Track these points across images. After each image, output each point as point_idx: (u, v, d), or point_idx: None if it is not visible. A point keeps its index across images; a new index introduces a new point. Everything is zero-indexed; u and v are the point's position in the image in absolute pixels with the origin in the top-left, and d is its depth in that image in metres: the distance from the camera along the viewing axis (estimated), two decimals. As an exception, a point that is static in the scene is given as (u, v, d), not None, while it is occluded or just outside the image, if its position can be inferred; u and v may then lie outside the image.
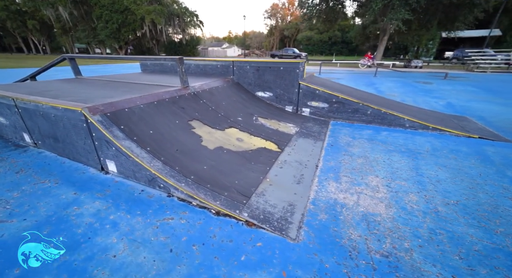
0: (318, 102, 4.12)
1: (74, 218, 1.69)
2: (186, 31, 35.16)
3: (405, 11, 12.97)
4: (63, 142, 2.48)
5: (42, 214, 1.72)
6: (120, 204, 1.85)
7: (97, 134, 2.13)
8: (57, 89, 3.16)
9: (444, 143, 3.08)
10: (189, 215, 1.72)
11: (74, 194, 1.98)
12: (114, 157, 2.15)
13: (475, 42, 33.10)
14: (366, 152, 2.80)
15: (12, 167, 2.43)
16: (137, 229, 1.59)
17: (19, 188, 2.06)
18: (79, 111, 2.11)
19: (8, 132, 3.11)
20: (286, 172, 2.29)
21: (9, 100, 2.67)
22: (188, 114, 2.91)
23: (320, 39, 55.90)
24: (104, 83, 3.75)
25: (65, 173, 2.32)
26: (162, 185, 1.96)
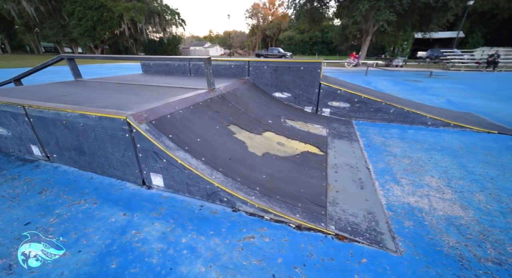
0: (339, 102, 4.10)
1: (139, 245, 1.45)
2: (167, 30, 33.84)
3: (389, 13, 13.60)
4: (91, 155, 2.17)
5: (98, 243, 1.46)
6: (185, 224, 1.63)
7: (143, 145, 1.87)
8: (69, 94, 2.79)
9: (471, 140, 3.19)
10: (269, 232, 1.57)
11: (124, 215, 1.72)
12: (163, 169, 1.91)
13: (443, 43, 35.80)
14: (406, 152, 2.81)
15: (31, 186, 2.08)
16: (221, 252, 1.40)
17: (52, 211, 1.75)
18: (121, 120, 1.84)
19: (9, 145, 2.68)
20: (343, 177, 2.20)
21: (17, 108, 2.29)
22: (224, 118, 2.72)
23: (301, 39, 56.95)
24: (117, 86, 3.40)
25: (100, 190, 2.03)
26: (226, 198, 1.78)
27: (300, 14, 18.17)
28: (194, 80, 4.04)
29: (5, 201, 1.86)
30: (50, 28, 32.90)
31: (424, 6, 15.92)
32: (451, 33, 33.69)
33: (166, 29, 33.21)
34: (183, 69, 4.95)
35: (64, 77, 9.45)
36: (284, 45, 56.87)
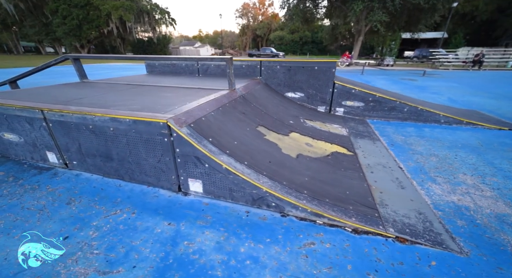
0: (353, 101, 4.11)
1: (197, 257, 1.36)
2: (156, 29, 33.07)
3: (382, 13, 13.93)
4: (120, 161, 2.04)
5: (151, 257, 1.36)
6: (237, 232, 1.55)
7: (183, 150, 1.77)
8: (86, 96, 2.62)
9: (486, 137, 3.28)
10: (327, 237, 1.52)
11: (169, 225, 1.62)
12: (204, 175, 1.82)
13: (428, 43, 37.19)
14: (430, 150, 2.84)
15: (56, 196, 1.93)
16: (286, 261, 1.34)
17: (89, 224, 1.62)
18: (160, 124, 1.73)
19: (19, 152, 2.49)
20: (381, 177, 2.19)
21: (34, 112, 2.12)
22: (251, 119, 2.64)
23: (292, 39, 57.39)
24: (132, 88, 3.24)
25: (133, 199, 1.91)
26: (275, 203, 1.71)
27: (294, 14, 18.24)
28: (207, 80, 3.93)
29: (33, 214, 1.71)
30: (30, 26, 31.32)
31: (413, 7, 16.45)
32: (436, 33, 35.00)
33: (155, 29, 32.41)
34: (191, 69, 4.81)
35: (53, 78, 9.00)
36: (274, 45, 57.07)
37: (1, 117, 2.31)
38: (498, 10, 34.09)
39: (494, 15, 34.71)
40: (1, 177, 2.20)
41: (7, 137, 2.44)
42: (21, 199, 1.88)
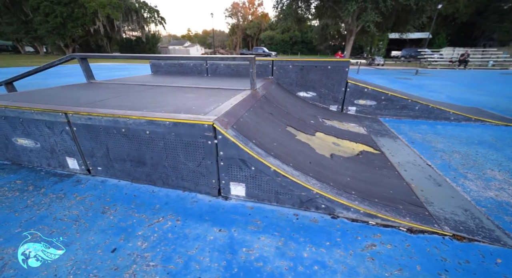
0: (365, 100, 4.16)
1: (262, 265, 1.30)
2: (145, 28, 32.21)
3: (375, 14, 14.26)
4: (153, 166, 1.93)
5: (214, 267, 1.29)
6: (293, 236, 1.51)
7: (228, 153, 1.70)
8: (106, 98, 2.49)
9: (497, 133, 3.40)
10: (385, 238, 1.50)
11: (220, 231, 1.55)
12: (249, 178, 1.75)
13: (414, 43, 38.56)
14: (450, 146, 2.91)
15: (87, 205, 1.80)
16: (354, 265, 1.30)
17: (134, 233, 1.52)
18: (205, 126, 1.65)
19: (34, 158, 2.32)
20: (415, 175, 2.21)
21: (56, 115, 1.97)
22: (279, 120, 2.60)
23: (282, 39, 57.70)
24: (149, 89, 3.10)
25: (172, 205, 1.81)
26: (325, 205, 1.68)
27: (288, 14, 18.31)
28: (220, 80, 3.85)
29: (69, 225, 1.58)
30: (7, 24, 29.60)
31: (402, 8, 16.95)
32: (420, 34, 36.29)
33: (144, 28, 31.57)
34: (199, 69, 4.69)
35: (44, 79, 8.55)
36: (265, 44, 57.16)
37: (16, 121, 2.14)
38: (476, 13, 35.92)
39: (473, 18, 36.53)
40: (20, 186, 2.03)
41: (20, 143, 2.27)
42: (50, 209, 1.74)
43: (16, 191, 1.96)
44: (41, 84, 6.99)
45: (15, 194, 1.92)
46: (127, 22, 29.63)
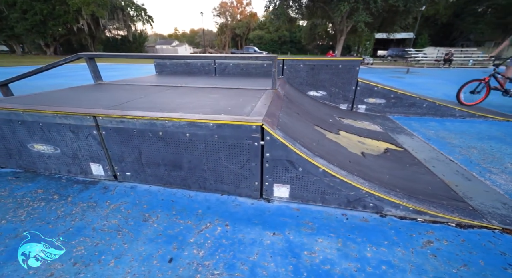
0: (375, 98, 4.24)
1: (329, 268, 1.28)
2: (131, 27, 31.21)
3: (366, 15, 14.65)
4: (191, 169, 1.86)
5: (282, 272, 1.25)
6: (350, 236, 1.50)
7: (274, 154, 1.66)
8: (129, 100, 2.36)
9: (502, 128, 3.58)
10: (439, 234, 1.52)
11: (274, 235, 1.51)
12: (295, 179, 1.73)
13: (398, 43, 39.98)
14: (465, 142, 3.02)
15: (124, 213, 1.70)
16: (419, 263, 1.31)
17: (186, 241, 1.45)
18: (253, 127, 1.60)
19: (52, 165, 2.16)
20: (444, 171, 2.26)
21: (84, 119, 1.84)
22: (306, 119, 2.58)
23: (271, 39, 57.93)
24: (166, 89, 2.98)
25: (215, 209, 1.75)
26: (373, 204, 1.68)
27: (280, 14, 18.40)
28: (234, 80, 3.78)
29: (113, 236, 1.48)
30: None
31: (389, 9, 17.52)
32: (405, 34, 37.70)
33: (131, 26, 30.58)
34: (206, 69, 4.59)
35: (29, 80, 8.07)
36: (254, 44, 57.17)
37: (34, 126, 1.98)
38: (455, 15, 37.83)
39: (451, 19, 38.43)
40: (43, 195, 1.89)
41: (37, 149, 2.11)
42: (86, 220, 1.63)
43: (41, 201, 1.82)
44: (31, 85, 6.58)
45: (41, 204, 1.78)
46: (113, 21, 28.57)
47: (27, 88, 5.78)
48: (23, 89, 4.95)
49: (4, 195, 1.89)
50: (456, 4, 37.06)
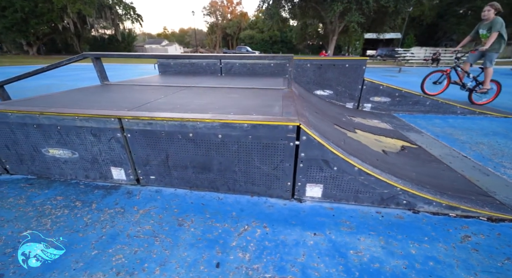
0: (380, 97, 4.32)
1: (379, 266, 1.28)
2: (120, 25, 30.35)
3: (359, 15, 14.94)
4: (221, 171, 1.82)
5: (333, 273, 1.24)
6: (389, 234, 1.51)
7: (310, 154, 1.65)
8: (147, 101, 2.29)
9: (502, 124, 3.73)
10: (474, 228, 1.56)
11: (316, 235, 1.50)
12: (329, 179, 1.72)
13: (386, 43, 41.02)
14: (472, 138, 3.13)
15: (156, 218, 1.64)
16: (464, 258, 1.33)
17: (228, 245, 1.41)
18: (289, 127, 1.59)
19: (68, 170, 2.06)
20: (461, 166, 2.33)
21: (107, 121, 1.76)
22: (325, 118, 2.59)
23: (262, 38, 57.96)
24: (184, 90, 2.91)
25: (248, 211, 1.72)
26: (406, 201, 1.70)
27: (274, 13, 18.45)
28: (243, 80, 3.75)
29: (151, 243, 1.42)
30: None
31: (379, 9, 17.96)
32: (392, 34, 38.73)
33: (119, 25, 29.72)
34: (212, 69, 4.52)
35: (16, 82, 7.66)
36: (245, 43, 57.04)
37: (51, 129, 1.88)
38: (439, 16, 39.28)
39: (436, 20, 39.87)
40: (64, 202, 1.79)
41: (53, 153, 2.00)
42: (117, 226, 1.56)
43: (64, 208, 1.72)
44: (14, 87, 6.25)
45: (64, 212, 1.69)
46: (100, 19, 27.66)
47: (10, 90, 5.50)
48: (9, 91, 4.69)
49: (21, 203, 1.78)
50: (440, 6, 38.47)
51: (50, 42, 32.33)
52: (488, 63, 4.27)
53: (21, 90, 5.91)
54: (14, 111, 1.85)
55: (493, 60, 4.27)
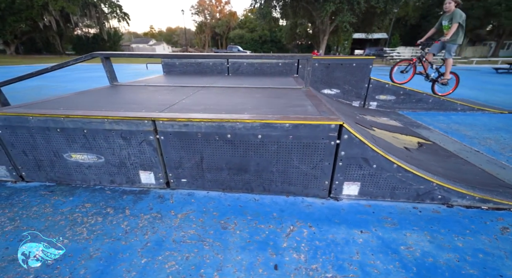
0: (386, 95, 4.43)
1: (432, 260, 1.31)
2: (105, 24, 29.30)
3: (350, 15, 15.28)
4: (257, 172, 1.79)
5: (391, 269, 1.25)
6: (433, 229, 1.55)
7: (350, 152, 1.67)
8: (173, 102, 2.22)
9: (500, 119, 3.94)
10: (510, 220, 1.63)
11: (363, 233, 1.51)
12: (367, 176, 1.74)
13: (373, 43, 42.20)
14: (478, 133, 3.28)
15: (198, 222, 1.59)
16: (508, 249, 1.39)
17: (280, 246, 1.40)
18: (332, 126, 1.59)
19: (91, 176, 1.96)
20: (478, 161, 2.43)
21: (139, 124, 1.69)
22: (346, 116, 2.62)
23: (252, 38, 57.87)
24: (201, 90, 2.84)
25: (289, 212, 1.71)
26: (441, 195, 1.76)
27: (266, 13, 18.48)
28: (253, 79, 3.72)
29: (200, 247, 1.38)
30: None
31: (367, 10, 18.46)
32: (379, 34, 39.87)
33: (105, 24, 28.69)
34: (219, 68, 4.47)
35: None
36: (235, 43, 56.76)
37: (77, 133, 1.78)
38: (422, 17, 40.89)
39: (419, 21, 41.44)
40: (94, 210, 1.70)
41: (76, 158, 1.90)
42: (159, 232, 1.50)
43: (96, 216, 1.64)
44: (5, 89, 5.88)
45: (98, 220, 1.61)
46: (84, 18, 26.56)
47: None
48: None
49: (48, 212, 1.67)
50: (423, 7, 39.99)
51: (29, 41, 30.68)
52: (448, 54, 4.55)
53: (7, 93, 5.57)
54: (36, 115, 1.73)
55: (452, 51, 4.54)
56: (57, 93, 6.39)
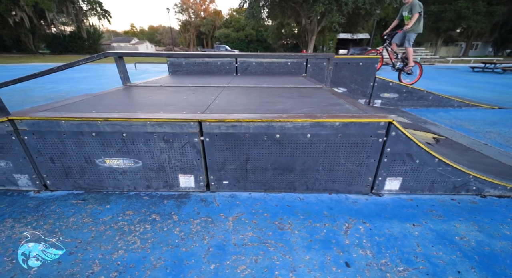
0: (390, 93, 4.60)
1: (489, 249, 1.38)
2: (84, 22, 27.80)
3: (339, 16, 15.68)
4: (303, 171, 1.79)
5: (456, 260, 1.30)
6: (476, 218, 1.63)
7: (395, 149, 1.71)
8: (207, 103, 2.15)
9: (494, 114, 4.23)
10: (537, 207, 1.76)
11: (415, 226, 1.56)
12: (409, 171, 1.80)
13: (357, 43, 43.59)
14: (480, 127, 3.50)
15: (252, 224, 1.56)
16: (547, 232, 1.51)
17: (342, 244, 1.41)
18: (381, 124, 1.62)
19: (125, 182, 1.87)
20: (492, 153, 2.59)
21: (183, 126, 1.63)
22: (369, 115, 2.68)
23: (238, 37, 57.61)
24: (223, 90, 2.78)
25: (338, 209, 1.73)
26: (475, 187, 1.86)
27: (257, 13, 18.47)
28: (266, 79, 3.71)
29: (265, 250, 1.36)
30: None
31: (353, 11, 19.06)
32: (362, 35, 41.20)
33: (83, 21, 27.21)
34: (227, 68, 4.40)
35: None
36: (221, 42, 56.20)
37: (115, 137, 1.67)
38: (400, 17, 42.76)
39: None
40: (138, 217, 1.61)
41: (109, 164, 1.79)
42: (216, 237, 1.45)
43: (144, 223, 1.56)
44: None
45: (147, 227, 1.53)
46: (61, 15, 25.01)
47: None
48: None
49: (88, 222, 1.56)
50: (401, 9, 41.85)
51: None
52: (407, 44, 4.96)
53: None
54: (70, 118, 1.61)
55: (411, 40, 4.96)
56: (46, 94, 5.98)
